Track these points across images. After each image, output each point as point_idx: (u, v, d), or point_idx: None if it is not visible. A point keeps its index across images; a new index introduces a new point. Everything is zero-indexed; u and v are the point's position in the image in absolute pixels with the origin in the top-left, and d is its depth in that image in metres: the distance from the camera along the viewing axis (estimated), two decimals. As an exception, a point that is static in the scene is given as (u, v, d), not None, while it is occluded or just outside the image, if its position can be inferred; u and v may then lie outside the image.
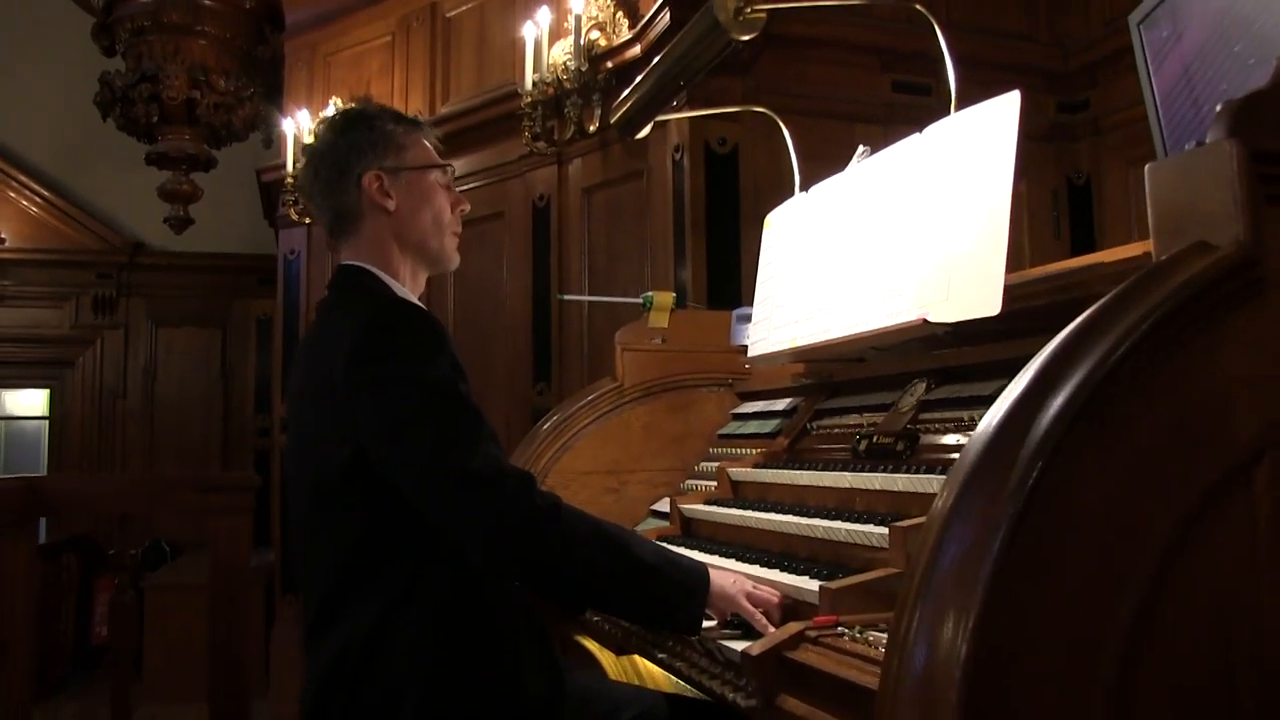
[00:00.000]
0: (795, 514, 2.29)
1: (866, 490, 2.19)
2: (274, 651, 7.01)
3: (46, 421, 10.60)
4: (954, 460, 2.10)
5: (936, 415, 2.25)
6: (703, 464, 3.26)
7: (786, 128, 4.75)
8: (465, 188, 6.09)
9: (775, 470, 2.62)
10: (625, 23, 5.12)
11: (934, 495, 1.97)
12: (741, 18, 2.35)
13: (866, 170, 2.53)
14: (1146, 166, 1.35)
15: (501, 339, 5.84)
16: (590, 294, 5.36)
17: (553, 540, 1.99)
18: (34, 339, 10.29)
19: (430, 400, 2.03)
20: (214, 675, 3.87)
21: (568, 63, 5.08)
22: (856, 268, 2.44)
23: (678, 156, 4.80)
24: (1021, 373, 1.19)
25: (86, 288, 10.34)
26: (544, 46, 5.23)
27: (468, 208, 2.53)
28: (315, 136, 2.42)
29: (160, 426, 10.30)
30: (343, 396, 2.06)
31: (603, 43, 5.14)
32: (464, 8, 6.26)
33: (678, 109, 4.32)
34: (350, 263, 2.33)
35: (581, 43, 5.04)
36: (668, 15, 4.65)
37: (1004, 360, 2.13)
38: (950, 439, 2.18)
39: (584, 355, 5.36)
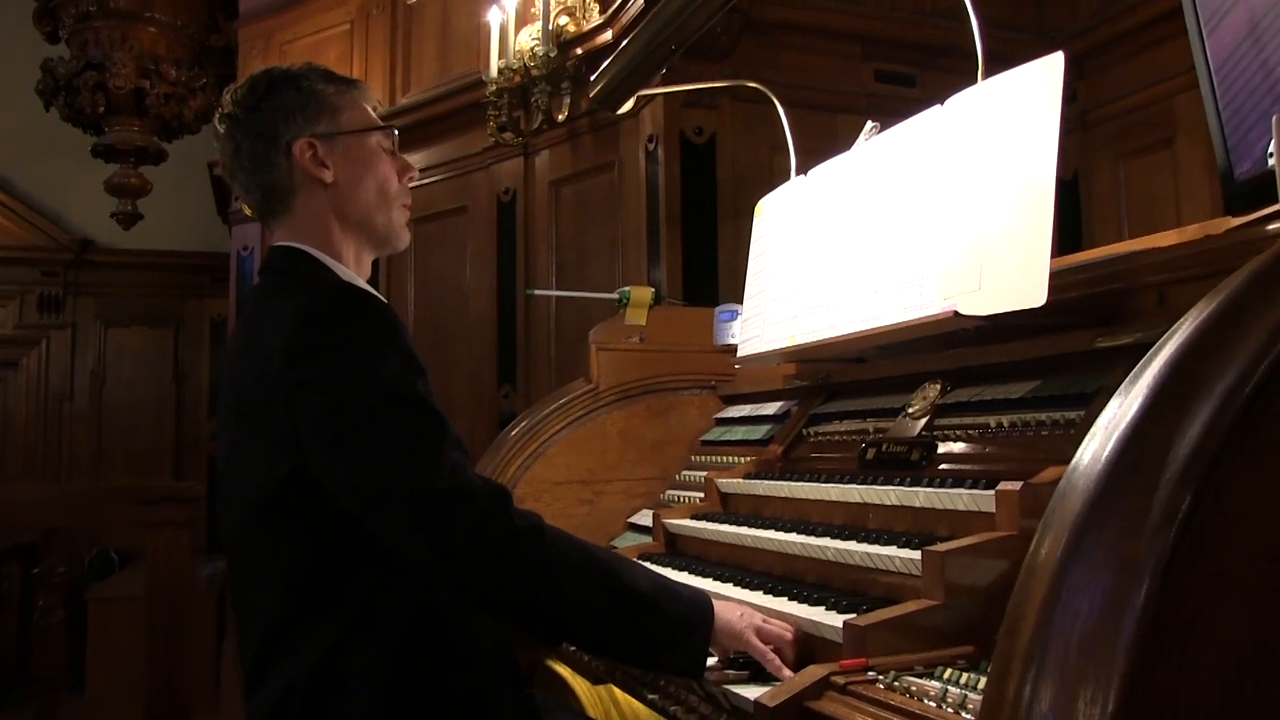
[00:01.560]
0: (800, 532, 2.05)
1: (881, 505, 1.95)
2: (226, 666, 6.70)
3: (-10, 422, 10.23)
4: (982, 472, 1.90)
5: (955, 421, 2.01)
6: (685, 473, 3.02)
7: (766, 119, 4.57)
8: (427, 181, 5.83)
9: (771, 481, 2.38)
10: (596, 7, 4.87)
11: (966, 512, 1.78)
12: (744, -30, 2.10)
13: (876, 148, 2.29)
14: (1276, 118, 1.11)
15: (465, 339, 5.58)
16: (558, 290, 5.11)
17: (534, 567, 1.69)
18: (-24, 339, 9.92)
19: (381, 402, 1.73)
20: (151, 695, 3.60)
21: (535, 49, 4.82)
22: (866, 256, 2.20)
23: (651, 147, 4.56)
24: (1139, 373, 0.94)
25: (32, 286, 9.91)
26: (510, 33, 4.97)
27: (416, 174, 2.21)
28: (233, 103, 2.09)
29: (109, 431, 9.91)
30: (278, 401, 1.77)
31: (572, 28, 4.88)
32: (426, -7, 5.99)
33: (657, 85, 4.08)
34: (284, 244, 2.05)
35: (550, 28, 4.78)
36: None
37: (1033, 359, 1.90)
38: (973, 447, 1.95)
39: (552, 357, 5.11)
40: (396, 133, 2.17)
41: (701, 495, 2.69)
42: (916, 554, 1.61)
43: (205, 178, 7.37)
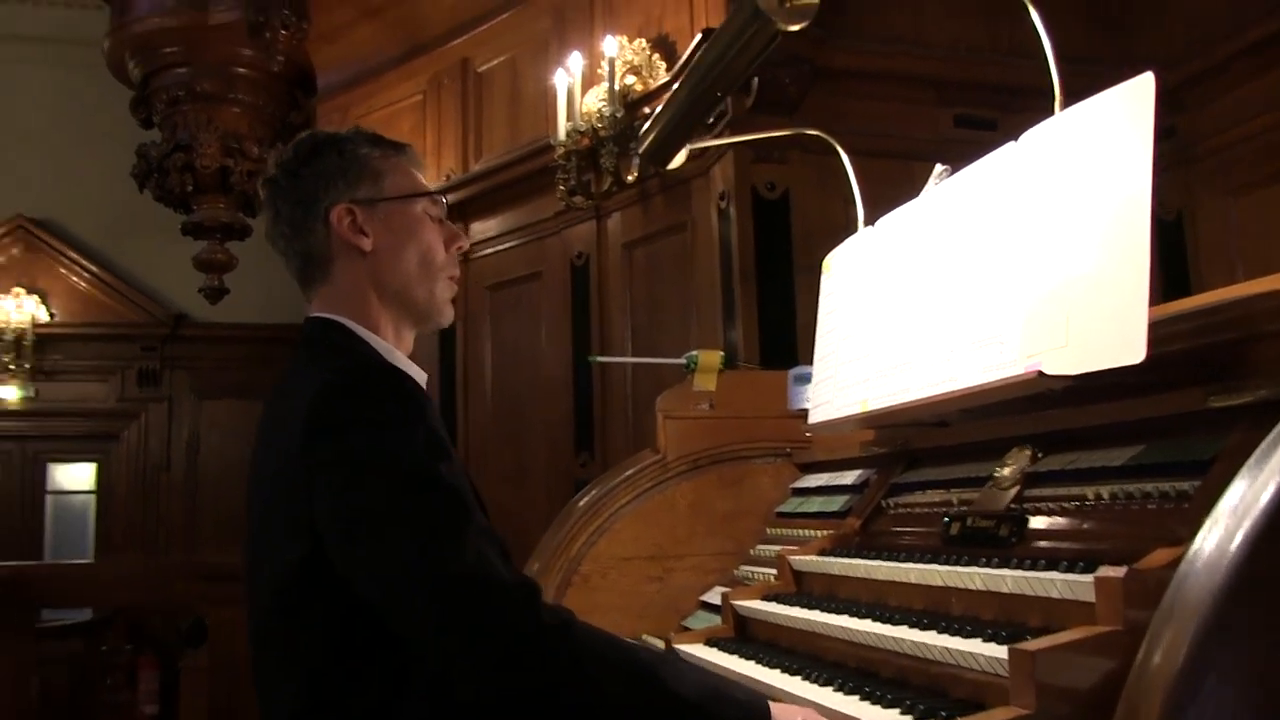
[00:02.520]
0: (875, 618, 1.85)
1: (964, 590, 1.74)
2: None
3: (94, 496, 10.42)
4: (1079, 552, 1.67)
5: (1049, 492, 1.80)
6: (759, 547, 2.82)
7: (839, 171, 4.40)
8: (501, 248, 5.76)
9: (847, 559, 2.18)
10: (662, 65, 4.77)
11: (1061, 600, 1.56)
12: (789, 3, 1.93)
13: (946, 193, 2.10)
14: None
15: (541, 406, 5.46)
16: (634, 355, 4.96)
17: (561, 666, 1.52)
18: (81, 413, 10.18)
19: (401, 485, 1.59)
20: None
21: (602, 109, 4.72)
22: (941, 312, 2.00)
23: (723, 204, 4.41)
24: (1273, 445, 0.74)
25: (131, 361, 10.22)
26: (577, 95, 4.89)
27: (465, 244, 2.07)
28: (276, 167, 1.99)
29: (203, 500, 10.07)
30: (297, 479, 1.66)
31: (639, 87, 4.78)
32: (495, 61, 5.95)
33: (718, 136, 3.94)
34: (319, 314, 1.93)
35: (616, 87, 4.68)
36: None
37: (1135, 422, 1.69)
38: (1069, 522, 1.73)
39: (629, 423, 4.95)
40: (445, 200, 2.06)
41: (775, 572, 2.49)
42: (1002, 651, 1.40)
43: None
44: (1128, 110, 1.62)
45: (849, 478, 2.61)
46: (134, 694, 8.43)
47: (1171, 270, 4.54)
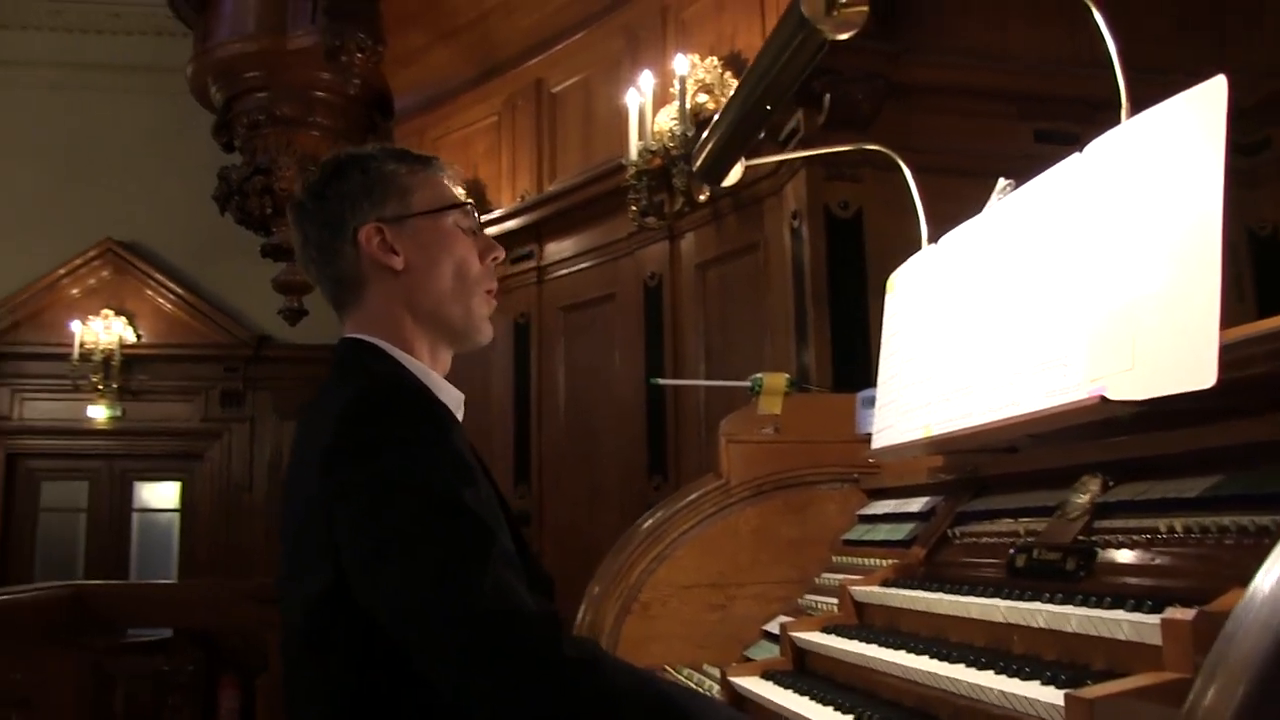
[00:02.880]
0: (933, 655, 1.75)
1: (1027, 627, 1.64)
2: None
3: (178, 514, 10.62)
4: (1149, 590, 1.56)
5: (1118, 523, 1.70)
6: (824, 576, 2.73)
7: (914, 183, 4.29)
8: (575, 269, 5.74)
9: (909, 591, 2.08)
10: (734, 83, 4.69)
11: (1127, 642, 1.47)
12: (836, 11, 1.85)
13: (1010, 208, 2.01)
14: None
15: (614, 429, 5.40)
16: (707, 378, 4.89)
17: (584, 703, 1.44)
18: (167, 432, 10.43)
19: (420, 510, 1.54)
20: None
21: (674, 128, 4.67)
22: (1004, 332, 1.91)
23: (795, 224, 4.33)
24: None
25: (215, 381, 10.45)
26: (648, 114, 4.83)
27: (501, 255, 2.01)
28: (302, 190, 1.96)
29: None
30: (321, 502, 1.61)
31: (710, 105, 4.72)
32: (569, 81, 5.94)
33: (790, 151, 3.86)
34: (351, 335, 1.88)
35: (688, 106, 4.62)
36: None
37: (1210, 450, 1.58)
38: (1139, 557, 1.62)
39: (702, 445, 4.87)
40: (474, 209, 1.99)
41: (839, 602, 2.40)
42: (1059, 697, 1.30)
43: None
44: (1198, 117, 1.51)
45: (916, 505, 2.51)
46: (215, 713, 8.53)
47: (1268, 288, 4.35)
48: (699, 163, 2.88)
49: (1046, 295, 1.78)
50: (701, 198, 4.71)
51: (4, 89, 10.29)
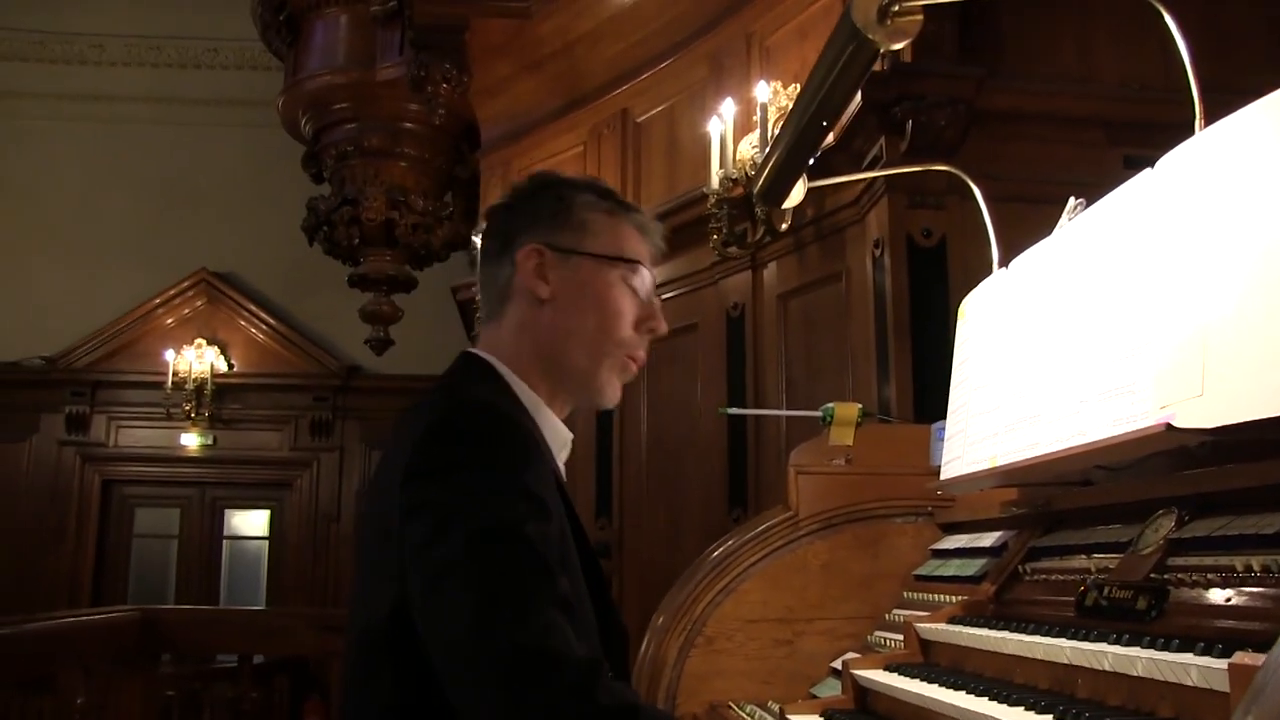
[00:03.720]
0: (992, 697, 1.67)
1: (1092, 670, 1.55)
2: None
3: (267, 542, 10.77)
4: (1223, 632, 1.45)
5: (1193, 561, 1.60)
6: (896, 612, 2.64)
7: (1001, 213, 4.18)
8: (659, 299, 5.68)
9: (975, 630, 2.00)
10: (817, 110, 4.64)
11: (1195, 688, 1.37)
12: (888, 20, 1.79)
13: (1078, 229, 1.92)
14: None
15: (695, 461, 5.34)
16: (788, 409, 4.80)
17: None
18: (257, 460, 10.66)
19: (479, 539, 1.48)
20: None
21: (755, 156, 4.61)
22: (1070, 359, 1.82)
23: (878, 253, 4.24)
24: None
25: (304, 411, 10.62)
26: (729, 142, 4.79)
27: (663, 330, 1.94)
28: (504, 196, 1.97)
29: (370, 552, 10.28)
30: (394, 520, 1.57)
31: (792, 133, 4.66)
32: (654, 111, 5.92)
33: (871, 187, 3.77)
34: (472, 351, 1.86)
35: (769, 134, 4.57)
36: (860, 96, 4.13)
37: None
38: (1214, 596, 1.53)
39: (783, 478, 4.77)
40: (652, 276, 1.93)
41: (904, 639, 2.32)
42: (1119, 748, 1.22)
43: (452, 303, 7.52)
44: (1274, 125, 1.43)
45: (988, 540, 2.42)
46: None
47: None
48: (760, 184, 2.82)
49: (1114, 319, 1.70)
50: (783, 226, 4.64)
51: (106, 123, 10.65)
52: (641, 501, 5.69)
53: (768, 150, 2.75)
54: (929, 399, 3.95)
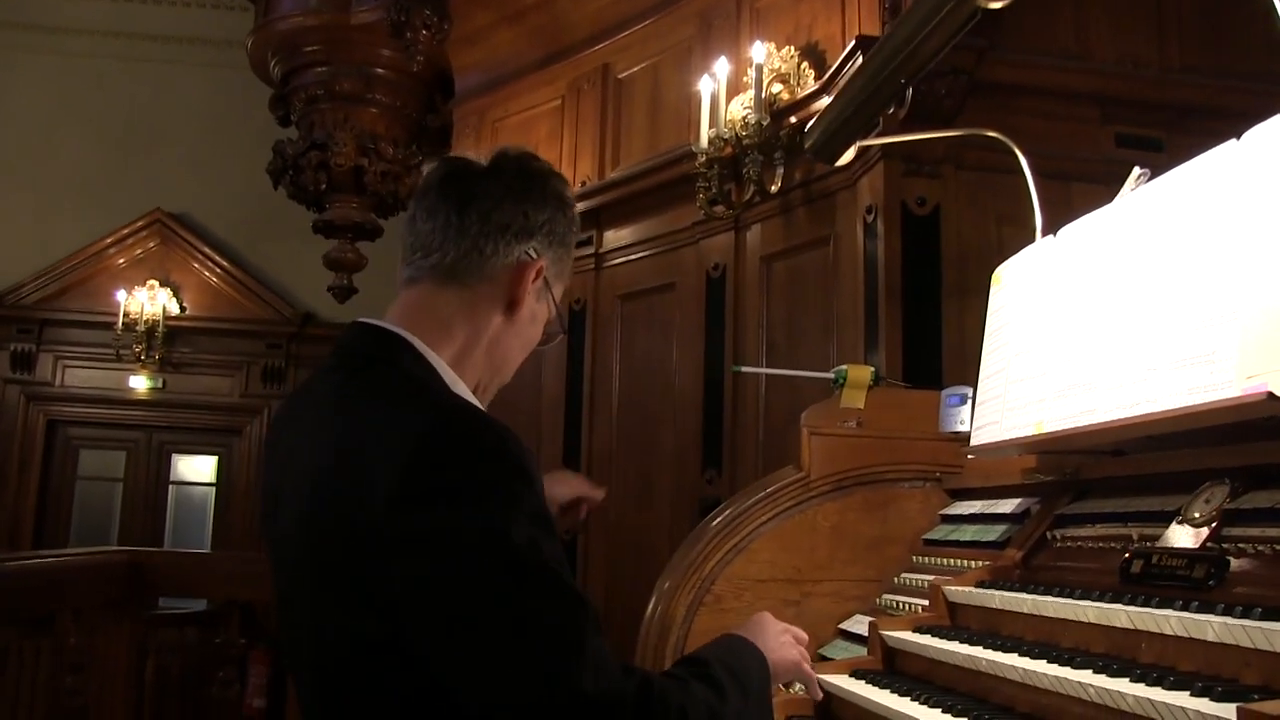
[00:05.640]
0: (1049, 659, 1.68)
1: (1156, 635, 1.56)
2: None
3: (214, 489, 10.64)
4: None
5: (1253, 532, 1.62)
6: (905, 575, 2.66)
7: (993, 188, 4.20)
8: (634, 257, 5.68)
9: (1010, 593, 2.01)
10: (811, 74, 4.64)
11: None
12: (994, -22, 1.77)
13: (1148, 198, 1.93)
14: None
15: (669, 422, 5.33)
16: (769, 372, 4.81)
17: None
18: (205, 405, 10.50)
19: (513, 581, 1.39)
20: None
21: (747, 118, 4.59)
22: (1136, 328, 1.83)
23: (870, 219, 4.25)
24: None
25: (257, 357, 10.47)
26: (721, 102, 4.76)
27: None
28: (515, 160, 1.78)
29: (321, 498, 10.22)
30: (372, 547, 1.42)
31: (785, 96, 4.66)
32: (637, 68, 5.87)
33: (881, 135, 3.77)
34: (405, 334, 1.66)
35: (763, 95, 4.55)
36: (859, 63, 4.12)
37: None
38: (1280, 567, 1.55)
39: (759, 441, 4.80)
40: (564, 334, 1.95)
41: (924, 603, 2.33)
42: (1224, 708, 1.23)
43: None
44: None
45: (1007, 506, 2.44)
46: (244, 686, 8.51)
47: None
48: (812, 140, 2.80)
49: (1191, 289, 1.71)
50: (773, 188, 4.63)
51: (61, 56, 10.36)
52: (612, 460, 5.67)
53: (829, 103, 2.71)
54: (919, 368, 3.98)
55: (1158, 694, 1.38)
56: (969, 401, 2.75)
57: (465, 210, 1.72)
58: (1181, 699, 1.33)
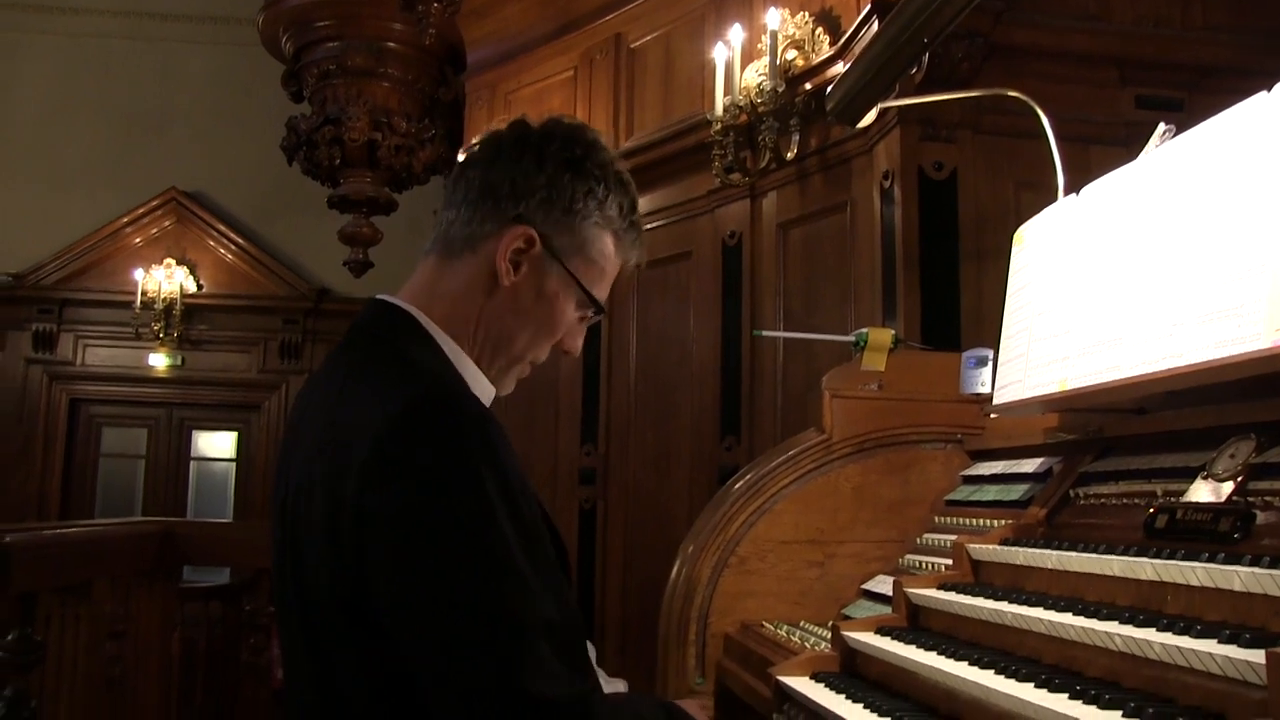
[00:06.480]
0: (1075, 612, 1.70)
1: (1184, 586, 1.58)
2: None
3: (234, 464, 10.71)
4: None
5: (1279, 485, 1.63)
6: (927, 536, 2.68)
7: (1010, 153, 4.19)
8: (649, 227, 5.60)
9: (1034, 550, 2.03)
10: (825, 39, 4.62)
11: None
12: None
13: (1174, 153, 1.93)
14: None
15: (686, 390, 5.35)
16: (785, 341, 4.82)
17: None
18: (224, 382, 10.58)
19: (474, 568, 1.43)
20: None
21: (762, 85, 4.59)
22: (1160, 283, 1.84)
23: (887, 184, 4.24)
24: None
25: (274, 333, 10.53)
26: (736, 69, 4.76)
27: (576, 352, 1.89)
28: (539, 131, 1.77)
29: (340, 474, 10.29)
30: (347, 514, 1.48)
31: (800, 63, 4.65)
32: (649, 36, 5.85)
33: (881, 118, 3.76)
34: (409, 307, 1.71)
35: (778, 62, 4.54)
36: (874, 28, 4.10)
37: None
38: (1307, 518, 1.56)
39: (777, 408, 4.82)
40: (600, 316, 1.87)
41: (947, 562, 2.35)
42: (1252, 654, 1.25)
43: (430, 227, 7.45)
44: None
45: (1029, 466, 2.46)
46: (272, 651, 8.61)
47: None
48: (834, 101, 2.80)
49: (1217, 243, 1.71)
50: (789, 155, 4.63)
51: (74, 37, 10.38)
52: (629, 429, 5.70)
53: (850, 65, 2.72)
54: (937, 333, 3.99)
55: (1185, 642, 1.39)
56: (989, 363, 2.76)
57: (458, 180, 1.78)
58: (1209, 646, 1.35)
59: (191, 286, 10.37)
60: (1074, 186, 2.43)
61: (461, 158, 1.82)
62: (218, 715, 7.34)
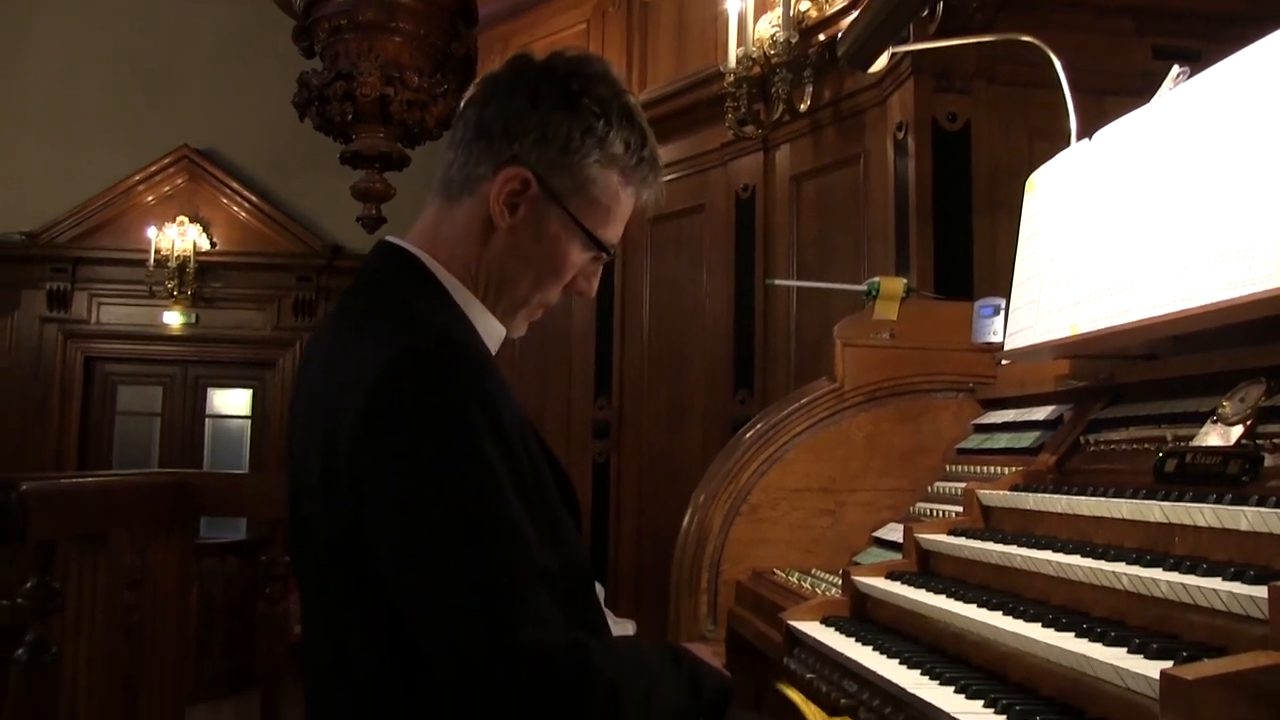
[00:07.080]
0: (1084, 554, 1.71)
1: (1191, 527, 1.59)
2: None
3: (249, 421, 10.77)
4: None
5: (1289, 428, 1.64)
6: (939, 484, 2.69)
7: (1024, 103, 4.16)
8: (663, 180, 5.64)
9: (1043, 495, 2.04)
10: (839, -8, 4.59)
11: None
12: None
13: (1187, 96, 1.92)
14: None
15: (699, 343, 5.36)
16: (799, 293, 4.82)
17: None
18: (239, 340, 10.57)
19: (466, 519, 1.43)
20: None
21: (775, 36, 4.56)
22: (1172, 227, 1.84)
23: (900, 136, 4.23)
24: None
25: (287, 290, 10.53)
26: (749, 21, 4.73)
27: (590, 295, 1.85)
28: (538, 69, 1.73)
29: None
30: (344, 463, 1.49)
31: (814, 14, 4.61)
32: (663, -12, 5.82)
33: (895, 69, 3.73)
34: (414, 250, 1.70)
35: (790, 13, 4.51)
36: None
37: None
38: (1314, 459, 1.57)
39: (790, 360, 4.82)
40: (608, 257, 1.81)
41: (958, 510, 2.36)
42: (1255, 589, 1.26)
43: (444, 183, 7.45)
44: None
45: (1040, 414, 2.46)
46: (289, 605, 8.69)
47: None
48: (845, 45, 2.79)
49: (1230, 187, 1.71)
50: (802, 107, 4.61)
51: (81, -6, 10.34)
52: (643, 382, 5.71)
53: (858, 13, 2.70)
54: (950, 285, 3.98)
55: (1191, 580, 1.40)
56: (1001, 313, 2.76)
57: (458, 121, 1.77)
58: (1214, 583, 1.36)
59: (205, 244, 10.37)
60: (1084, 136, 2.43)
61: (468, 102, 1.78)
62: (235, 668, 7.45)
